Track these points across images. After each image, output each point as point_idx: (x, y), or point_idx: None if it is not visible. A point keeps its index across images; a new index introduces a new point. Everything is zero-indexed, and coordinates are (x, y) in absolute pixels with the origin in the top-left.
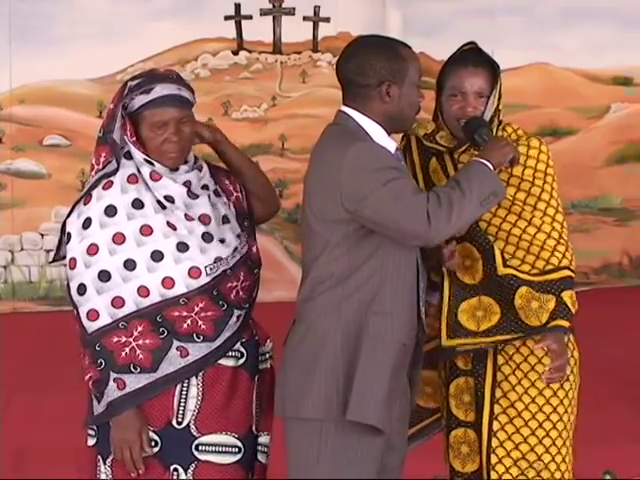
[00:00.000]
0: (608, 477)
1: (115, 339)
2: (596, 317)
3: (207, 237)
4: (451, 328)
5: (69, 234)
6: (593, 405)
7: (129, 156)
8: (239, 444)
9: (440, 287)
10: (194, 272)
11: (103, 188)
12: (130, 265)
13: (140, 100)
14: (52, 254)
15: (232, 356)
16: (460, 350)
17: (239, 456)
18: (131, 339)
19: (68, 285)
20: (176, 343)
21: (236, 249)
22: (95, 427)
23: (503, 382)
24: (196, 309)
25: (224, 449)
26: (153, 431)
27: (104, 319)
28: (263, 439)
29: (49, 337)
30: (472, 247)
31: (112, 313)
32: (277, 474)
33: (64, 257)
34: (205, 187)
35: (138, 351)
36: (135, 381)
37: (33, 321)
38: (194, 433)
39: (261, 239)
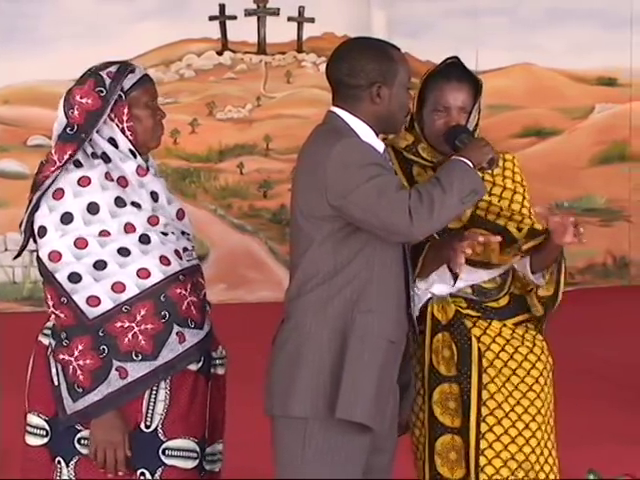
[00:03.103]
0: (592, 477)
1: (119, 324)
2: (580, 317)
3: (184, 232)
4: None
5: (44, 228)
6: (577, 405)
7: (96, 156)
8: (197, 449)
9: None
10: (178, 254)
11: (79, 184)
12: (124, 252)
13: (130, 80)
14: (36, 255)
15: (198, 358)
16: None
17: (197, 461)
18: (134, 324)
19: (52, 277)
20: (176, 328)
21: (193, 247)
22: (47, 426)
23: (489, 384)
24: (189, 289)
25: (186, 454)
26: None
27: (107, 304)
28: (217, 447)
29: (33, 338)
30: (485, 232)
31: (114, 298)
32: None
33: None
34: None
35: (140, 337)
36: (136, 369)
37: (17, 322)
38: (161, 437)
39: (245, 239)
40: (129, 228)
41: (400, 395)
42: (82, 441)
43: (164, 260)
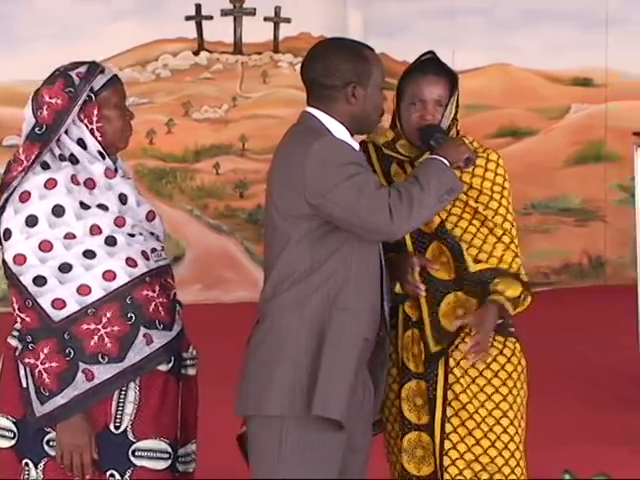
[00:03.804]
0: (567, 477)
1: (84, 327)
2: (556, 317)
3: (153, 232)
4: (436, 335)
5: (9, 230)
6: (553, 405)
7: (63, 158)
8: (169, 450)
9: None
10: (145, 255)
11: (45, 187)
12: (89, 254)
13: (100, 80)
14: (1, 257)
15: (167, 360)
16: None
17: (169, 462)
18: (100, 326)
19: (17, 280)
20: (143, 330)
21: (162, 247)
22: (15, 428)
23: (455, 384)
24: (156, 291)
25: (157, 455)
26: None
27: (72, 307)
28: (190, 448)
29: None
30: (443, 246)
31: (80, 300)
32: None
33: None
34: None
35: (106, 339)
36: (103, 371)
37: None
38: (131, 438)
39: (222, 239)
40: (95, 230)
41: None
42: (50, 443)
43: (130, 262)
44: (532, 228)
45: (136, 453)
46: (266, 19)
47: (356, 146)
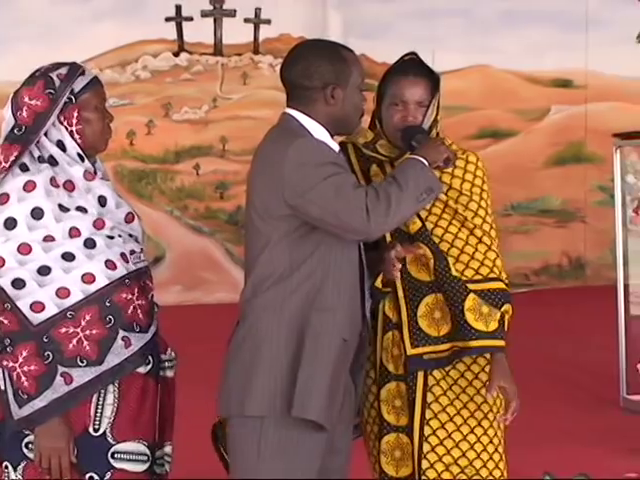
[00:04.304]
0: (547, 478)
1: (63, 330)
2: (536, 318)
3: (132, 234)
4: (414, 336)
5: None
6: (533, 406)
7: (42, 160)
8: (148, 452)
9: (395, 296)
10: (124, 258)
11: (24, 189)
12: (69, 257)
13: (80, 82)
14: None
15: (145, 362)
16: (427, 359)
17: (148, 464)
18: (79, 329)
19: None
20: (121, 333)
21: (142, 249)
22: None
23: (434, 387)
24: (135, 293)
25: (136, 457)
26: None
27: (51, 310)
28: (167, 449)
29: None
30: (424, 246)
31: (59, 303)
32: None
33: None
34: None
35: (85, 342)
36: (81, 375)
37: None
38: (110, 441)
39: (202, 241)
40: (74, 233)
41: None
42: (29, 446)
43: (110, 264)
44: (512, 229)
45: (115, 455)
46: (246, 20)
47: (335, 147)
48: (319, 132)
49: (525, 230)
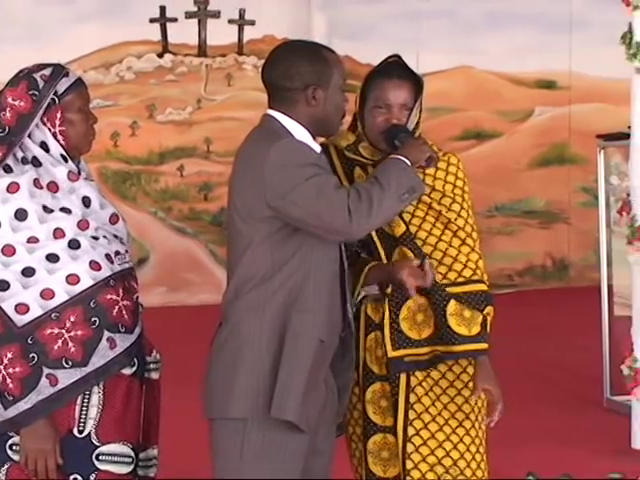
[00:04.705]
0: (531, 478)
1: (48, 331)
2: (520, 319)
3: (117, 235)
4: (395, 338)
5: None
6: (516, 406)
7: (26, 161)
8: (132, 454)
9: (381, 297)
10: (109, 258)
11: (8, 191)
12: (53, 258)
13: (64, 84)
14: None
15: (130, 363)
16: (408, 362)
17: (132, 466)
18: (64, 330)
19: None
20: (107, 334)
21: (127, 251)
22: None
23: (417, 387)
24: (120, 294)
25: (121, 459)
26: None
27: (35, 311)
28: (152, 452)
29: None
30: (408, 251)
31: (43, 305)
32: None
33: None
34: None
35: (70, 344)
36: (67, 376)
37: None
38: (95, 442)
39: (186, 242)
40: (58, 234)
41: (339, 397)
42: (14, 447)
43: (94, 265)
44: (496, 230)
45: (100, 457)
46: (230, 21)
47: (317, 148)
48: (300, 133)
49: (509, 231)
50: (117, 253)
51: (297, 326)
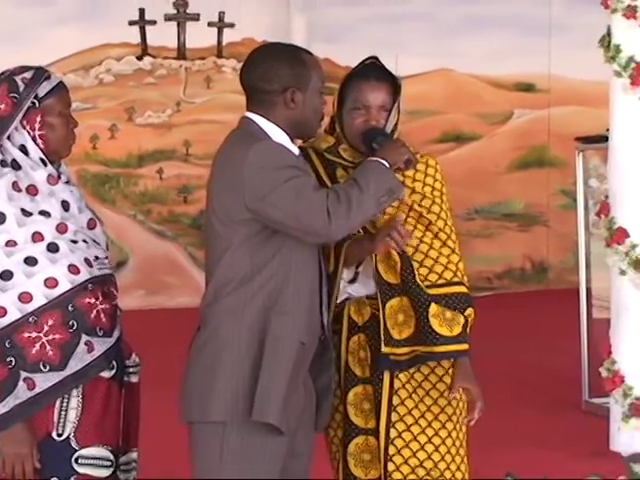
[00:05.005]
0: (509, 479)
1: (26, 335)
2: (499, 321)
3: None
4: (386, 333)
5: None
6: (496, 408)
7: (5, 164)
8: (112, 457)
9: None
10: (88, 262)
11: None
12: (31, 261)
13: (45, 87)
14: None
15: (108, 366)
16: (393, 360)
17: (111, 470)
18: (42, 334)
19: None
20: (84, 337)
21: (106, 257)
22: None
23: (400, 390)
24: (99, 297)
25: (100, 462)
26: None
27: (13, 314)
28: (132, 455)
29: None
30: (392, 251)
31: (21, 308)
32: None
33: None
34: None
35: (48, 347)
36: (44, 380)
37: None
38: (74, 446)
39: (165, 245)
40: (37, 237)
41: (319, 399)
42: None
43: (73, 269)
44: (475, 233)
45: (79, 460)
46: (210, 24)
47: (295, 150)
48: (279, 136)
49: (488, 234)
50: (97, 258)
51: (277, 329)
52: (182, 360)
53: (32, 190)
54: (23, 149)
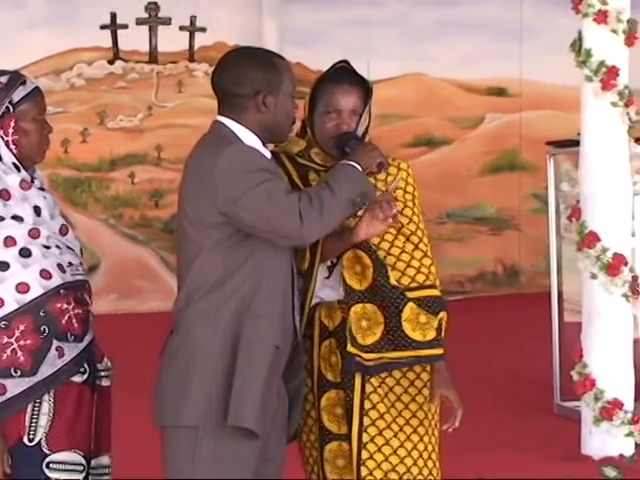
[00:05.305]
0: None
1: None
2: (471, 325)
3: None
4: (352, 333)
5: None
6: (468, 413)
7: None
8: (84, 462)
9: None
10: (61, 268)
11: None
12: (3, 266)
13: (20, 93)
14: None
15: (79, 371)
16: (359, 363)
17: (83, 475)
18: (13, 340)
19: None
20: (55, 343)
21: (81, 263)
22: None
23: (372, 394)
24: (71, 303)
25: (72, 467)
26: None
27: None
28: (104, 460)
29: None
30: (363, 254)
31: None
32: None
33: None
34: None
35: (19, 353)
36: (15, 385)
37: None
38: (45, 450)
39: (137, 249)
40: (9, 242)
41: (290, 404)
42: None
43: (45, 274)
44: (447, 237)
45: (50, 465)
46: (181, 28)
47: (267, 154)
48: (251, 139)
49: (460, 238)
50: (70, 264)
51: (251, 333)
52: (154, 365)
53: (5, 195)
54: None
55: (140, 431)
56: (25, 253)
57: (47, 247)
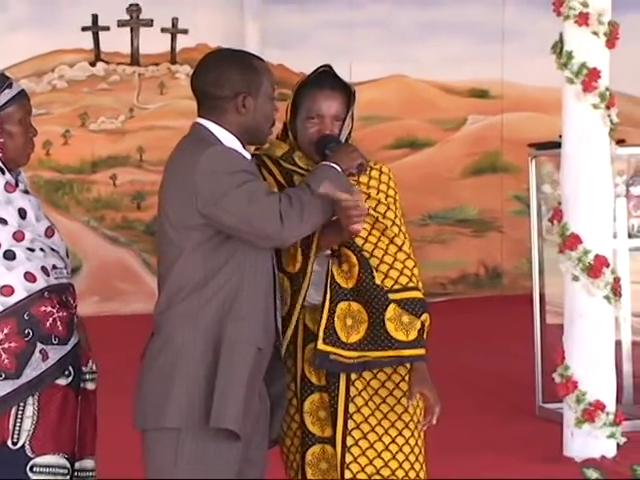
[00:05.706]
0: None
1: None
2: (453, 327)
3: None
4: (328, 331)
5: None
6: (450, 415)
7: None
8: (68, 465)
9: (324, 285)
10: (45, 271)
11: None
12: None
13: (5, 95)
14: None
15: (64, 374)
16: (332, 359)
17: (67, 477)
18: None
19: None
20: (39, 346)
21: (66, 266)
22: None
23: (356, 397)
24: (55, 306)
25: (55, 470)
26: None
27: None
28: (88, 463)
29: None
30: (350, 253)
31: None
32: None
33: None
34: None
35: (3, 355)
36: (0, 388)
37: None
38: (29, 454)
39: (119, 251)
40: None
41: (272, 407)
42: None
43: (29, 276)
44: (429, 239)
45: (34, 469)
46: (163, 30)
47: (247, 155)
48: (230, 141)
49: (442, 240)
50: (55, 267)
51: (233, 335)
52: (136, 367)
53: None
54: None
55: (122, 433)
56: (9, 255)
57: (31, 250)
